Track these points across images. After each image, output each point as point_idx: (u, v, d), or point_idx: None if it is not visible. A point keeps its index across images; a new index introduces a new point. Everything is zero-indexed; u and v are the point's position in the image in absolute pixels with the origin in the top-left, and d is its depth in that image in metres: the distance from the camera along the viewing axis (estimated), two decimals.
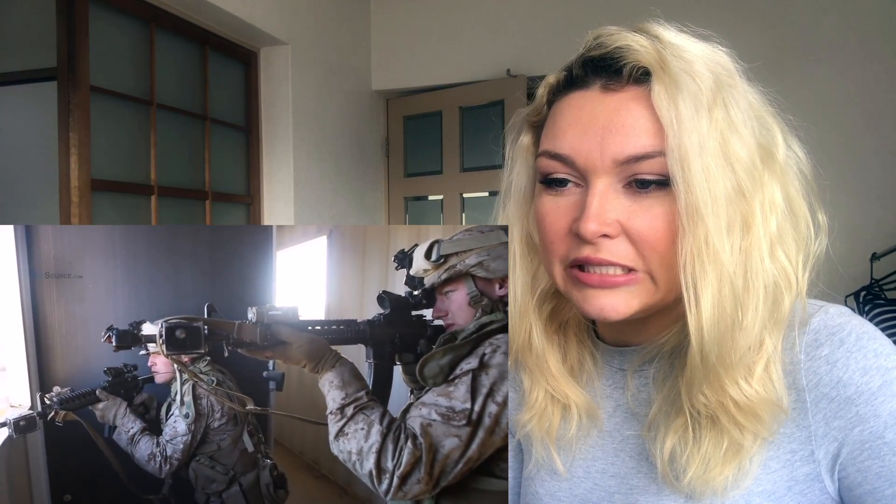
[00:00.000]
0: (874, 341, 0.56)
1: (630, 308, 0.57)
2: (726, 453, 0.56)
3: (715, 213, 0.53)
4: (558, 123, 0.59)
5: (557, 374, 0.66)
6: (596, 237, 0.55)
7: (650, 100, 0.54)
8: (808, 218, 0.58)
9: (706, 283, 0.53)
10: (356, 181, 3.26)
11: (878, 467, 0.54)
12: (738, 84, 0.57)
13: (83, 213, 1.96)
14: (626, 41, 0.57)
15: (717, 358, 0.54)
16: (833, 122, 2.69)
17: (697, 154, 0.52)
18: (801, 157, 0.60)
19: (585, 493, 0.66)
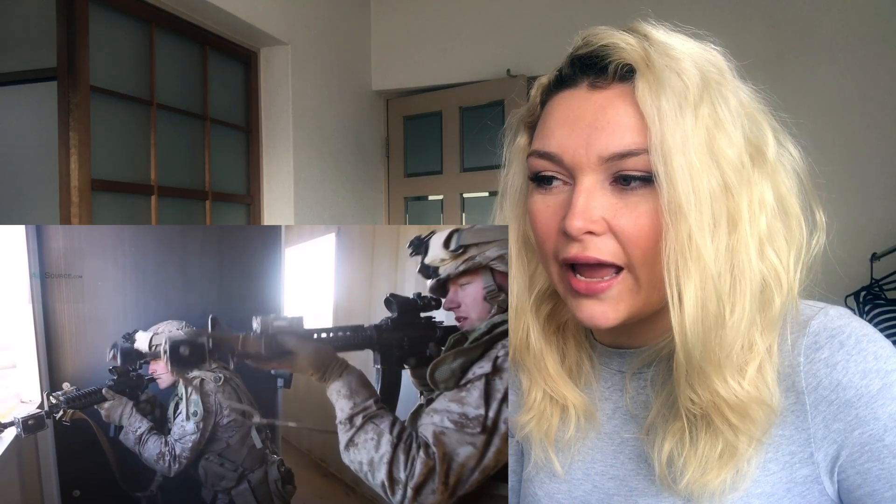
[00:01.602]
0: (874, 344, 0.56)
1: (619, 313, 0.57)
2: (722, 456, 0.56)
3: (698, 210, 0.52)
4: (548, 123, 0.59)
5: (556, 375, 0.66)
6: (581, 234, 0.55)
7: (636, 97, 0.54)
8: (800, 217, 0.58)
9: (689, 280, 0.53)
10: (356, 181, 3.26)
11: (878, 470, 0.54)
12: (729, 82, 0.57)
13: (83, 213, 1.95)
14: (612, 39, 0.57)
15: (702, 356, 0.54)
16: (833, 122, 2.69)
17: (680, 150, 0.52)
18: (795, 155, 0.59)
19: (584, 495, 0.66)
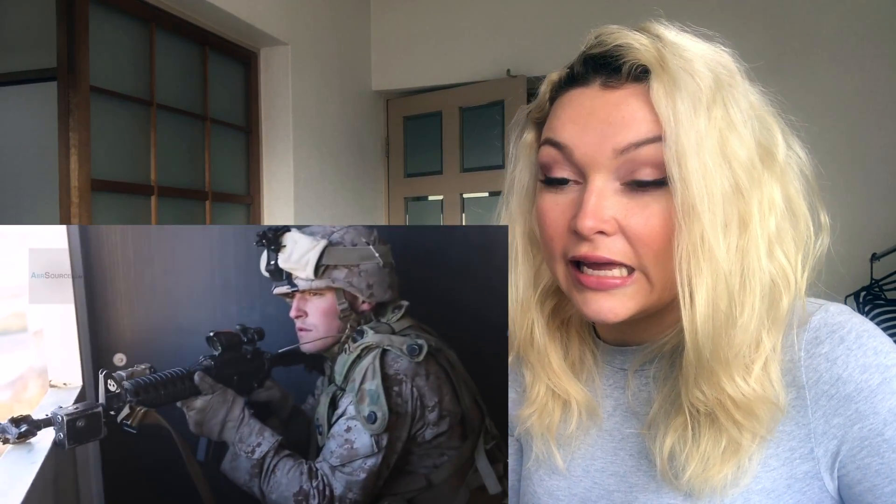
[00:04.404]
0: (874, 339, 0.56)
1: (627, 310, 0.58)
2: (725, 452, 0.56)
3: (711, 210, 0.53)
4: (560, 116, 0.59)
5: (559, 370, 0.66)
6: (592, 233, 0.56)
7: (649, 97, 0.55)
8: (807, 218, 0.58)
9: (701, 280, 0.53)
10: (356, 181, 3.26)
11: (878, 465, 0.54)
12: (739, 84, 0.57)
13: (83, 213, 1.95)
14: (626, 39, 0.57)
15: (712, 355, 0.54)
16: (833, 122, 2.69)
17: (695, 151, 0.53)
18: (803, 157, 0.60)
19: (584, 491, 0.66)
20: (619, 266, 0.57)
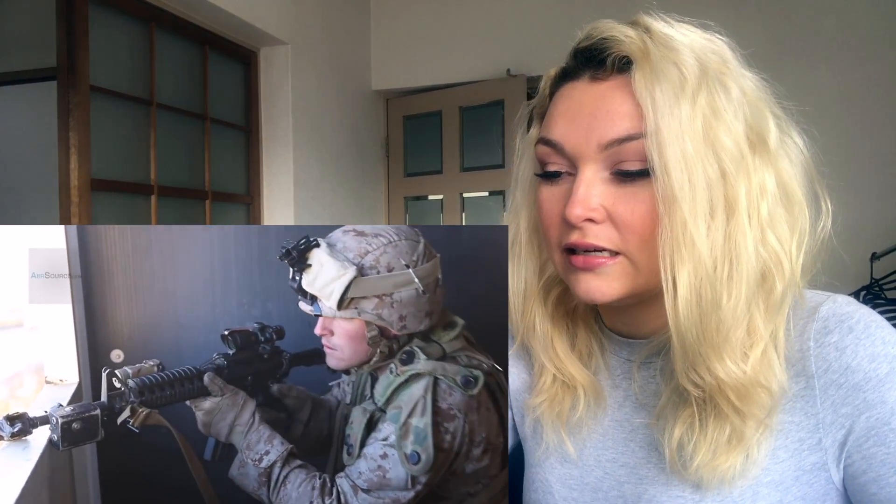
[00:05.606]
0: (882, 329, 0.57)
1: (613, 290, 0.58)
2: (730, 440, 0.56)
3: (692, 198, 0.53)
4: (552, 113, 0.61)
5: (563, 357, 0.67)
6: (581, 221, 0.57)
7: (632, 87, 0.55)
8: (803, 203, 0.59)
9: (682, 267, 0.54)
10: (356, 181, 3.26)
11: (884, 454, 0.55)
12: (733, 70, 0.58)
13: (83, 213, 1.95)
14: (611, 32, 0.58)
15: (697, 339, 0.54)
16: (833, 122, 2.68)
17: (675, 140, 0.53)
18: (799, 142, 0.60)
19: (596, 481, 0.67)
20: (607, 251, 0.58)
